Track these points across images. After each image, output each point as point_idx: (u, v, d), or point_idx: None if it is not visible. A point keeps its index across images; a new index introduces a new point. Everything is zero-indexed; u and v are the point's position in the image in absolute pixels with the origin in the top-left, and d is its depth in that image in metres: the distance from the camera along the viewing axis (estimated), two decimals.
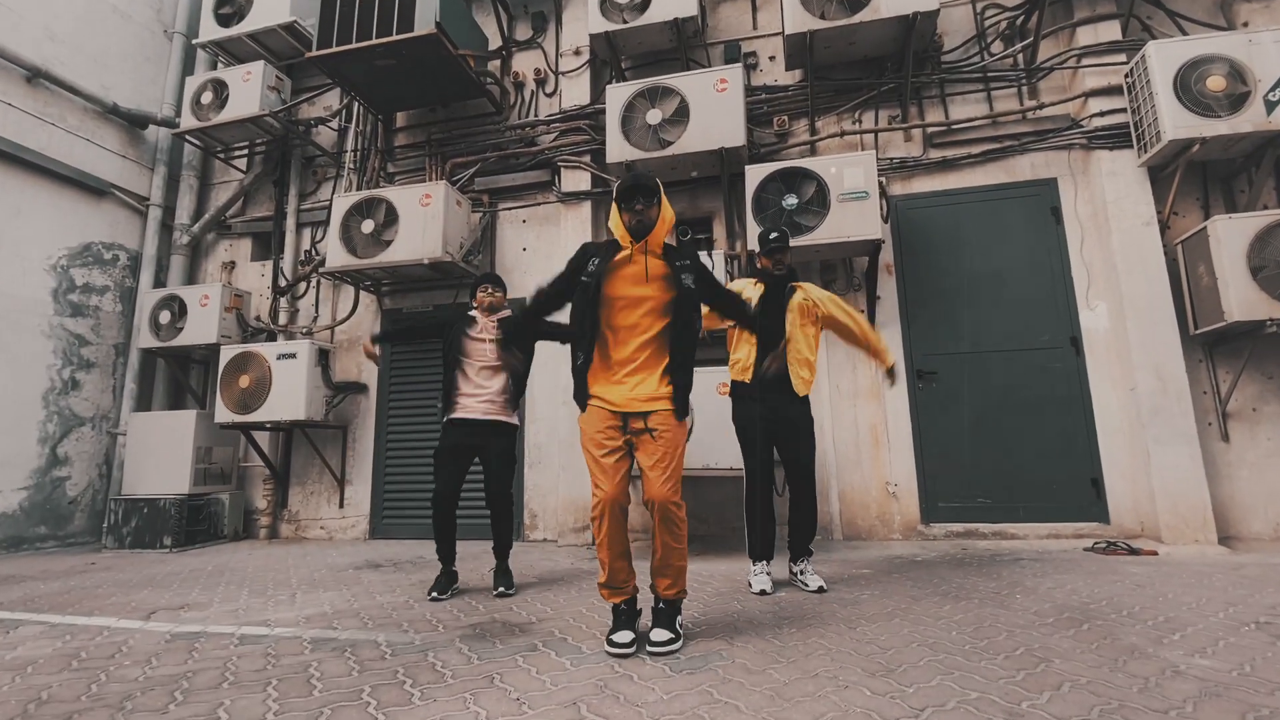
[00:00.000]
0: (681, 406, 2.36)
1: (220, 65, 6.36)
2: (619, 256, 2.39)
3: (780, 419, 3.18)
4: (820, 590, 3.05)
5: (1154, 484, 4.07)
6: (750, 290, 3.26)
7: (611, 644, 2.23)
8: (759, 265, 3.32)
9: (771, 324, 3.16)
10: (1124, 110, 4.46)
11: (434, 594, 3.19)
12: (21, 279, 5.38)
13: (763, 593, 3.06)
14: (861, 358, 4.79)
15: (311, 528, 5.76)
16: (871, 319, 4.77)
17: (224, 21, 6.02)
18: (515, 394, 3.49)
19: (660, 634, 2.23)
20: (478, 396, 3.37)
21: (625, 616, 2.35)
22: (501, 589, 3.25)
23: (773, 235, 3.24)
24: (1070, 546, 4.08)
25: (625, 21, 5.13)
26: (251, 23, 5.89)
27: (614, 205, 2.42)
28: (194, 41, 6.30)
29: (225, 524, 5.62)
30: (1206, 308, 4.06)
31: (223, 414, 5.34)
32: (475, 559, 4.28)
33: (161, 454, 5.50)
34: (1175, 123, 3.99)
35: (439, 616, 2.84)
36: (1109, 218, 4.38)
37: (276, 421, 5.30)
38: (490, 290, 3.55)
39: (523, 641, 2.41)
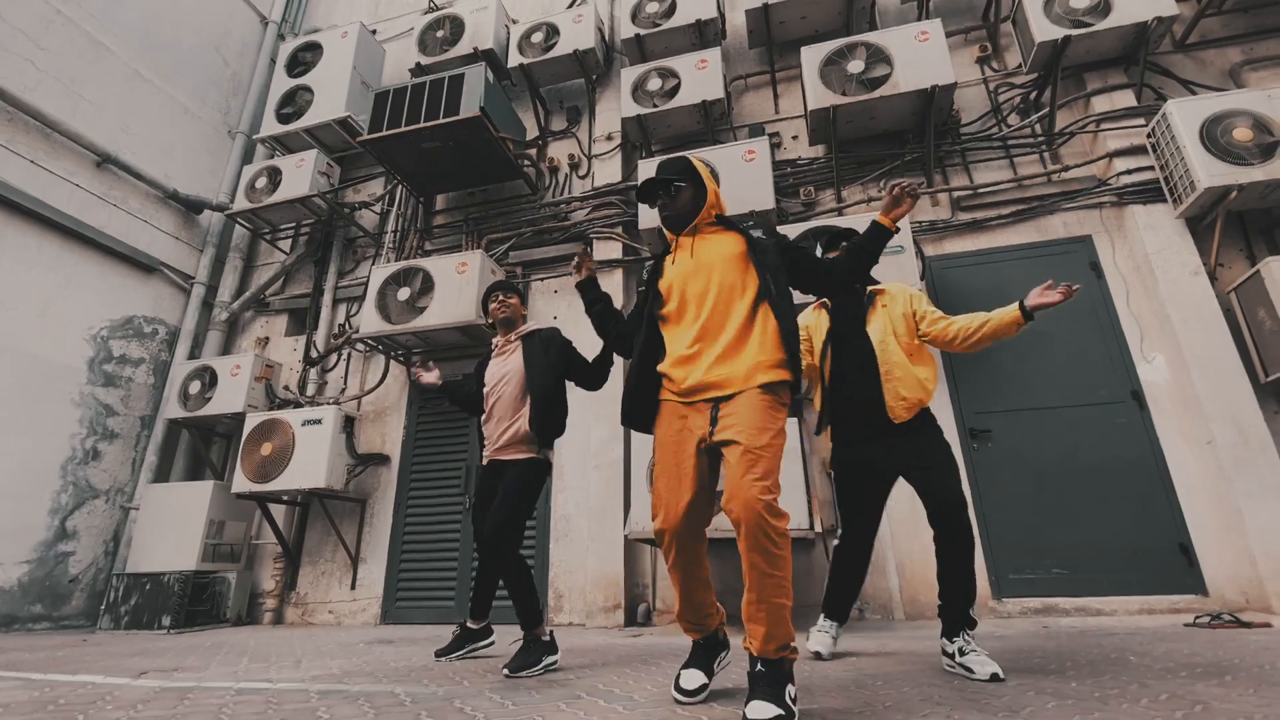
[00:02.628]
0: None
1: (277, 156, 6.83)
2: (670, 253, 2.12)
3: (880, 457, 2.50)
4: (995, 679, 2.04)
5: (1253, 546, 3.65)
6: (812, 319, 2.77)
7: (676, 688, 1.84)
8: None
9: (854, 344, 2.57)
10: (1151, 168, 4.51)
11: (439, 652, 2.70)
12: (60, 347, 5.45)
13: (816, 655, 2.60)
14: None
15: (319, 611, 5.34)
16: None
17: (284, 120, 6.54)
18: (540, 419, 2.72)
19: (760, 709, 1.51)
20: (492, 434, 2.83)
21: (701, 652, 1.93)
22: (507, 669, 2.42)
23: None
24: (1167, 622, 3.59)
25: (656, 106, 5.47)
26: (309, 119, 6.38)
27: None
28: (254, 136, 6.81)
29: (229, 606, 5.23)
30: (1274, 353, 3.85)
31: (240, 483, 5.14)
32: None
33: (173, 527, 5.26)
34: (1209, 171, 4.00)
35: (461, 674, 2.49)
36: (1153, 269, 4.29)
37: (296, 490, 5.08)
38: (501, 298, 2.88)
39: (561, 692, 2.07)
